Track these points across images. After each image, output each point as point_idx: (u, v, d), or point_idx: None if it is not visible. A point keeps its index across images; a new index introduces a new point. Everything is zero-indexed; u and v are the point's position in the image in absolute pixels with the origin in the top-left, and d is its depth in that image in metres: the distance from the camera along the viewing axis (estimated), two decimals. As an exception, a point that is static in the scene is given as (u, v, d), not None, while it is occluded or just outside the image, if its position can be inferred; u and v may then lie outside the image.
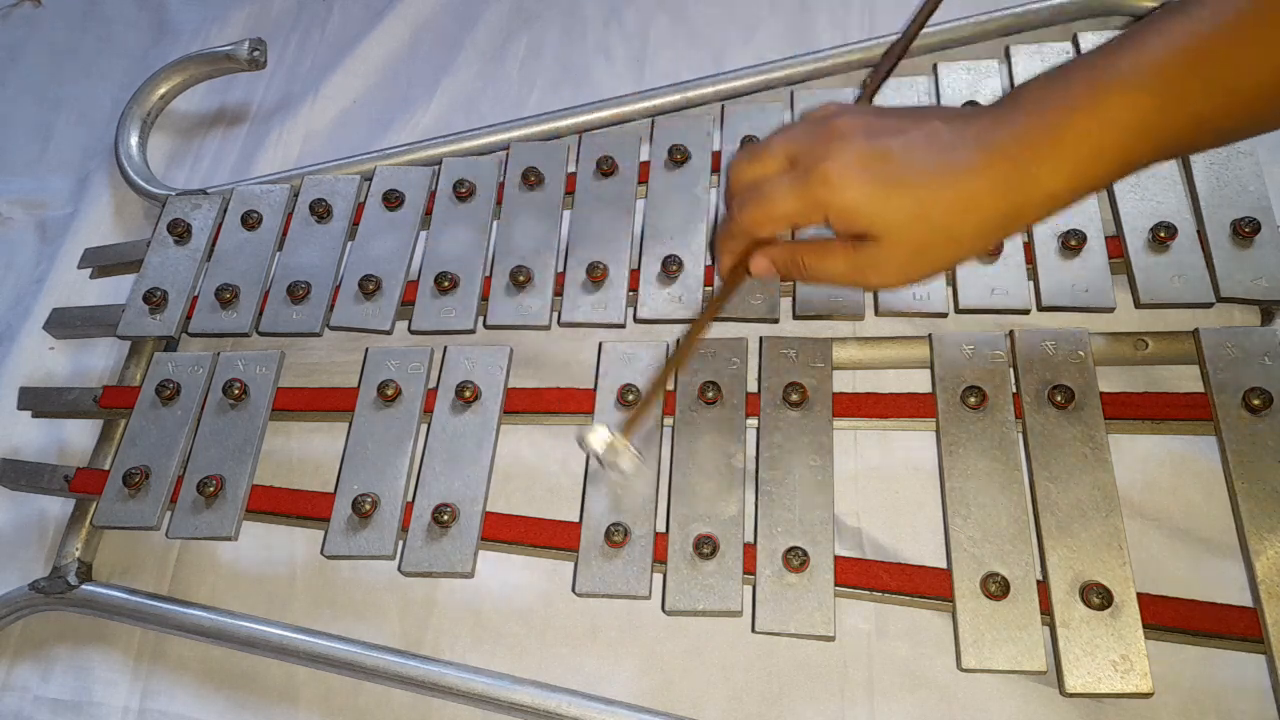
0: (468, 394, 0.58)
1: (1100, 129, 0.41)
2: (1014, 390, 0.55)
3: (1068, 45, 0.67)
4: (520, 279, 0.62)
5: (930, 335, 0.58)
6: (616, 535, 0.52)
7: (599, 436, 0.51)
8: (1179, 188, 0.60)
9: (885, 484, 0.58)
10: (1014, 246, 0.59)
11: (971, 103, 0.65)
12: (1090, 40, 0.66)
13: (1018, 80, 0.66)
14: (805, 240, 0.49)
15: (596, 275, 0.62)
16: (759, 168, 0.48)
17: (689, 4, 0.84)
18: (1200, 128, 0.41)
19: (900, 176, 0.43)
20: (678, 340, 0.55)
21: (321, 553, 0.56)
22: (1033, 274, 0.59)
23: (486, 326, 0.62)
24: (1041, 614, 0.49)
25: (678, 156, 0.66)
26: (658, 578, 0.53)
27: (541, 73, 0.82)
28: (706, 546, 0.52)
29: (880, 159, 0.44)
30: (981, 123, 0.44)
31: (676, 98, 0.72)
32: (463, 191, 0.67)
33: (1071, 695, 0.47)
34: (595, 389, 0.59)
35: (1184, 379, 0.57)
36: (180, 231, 0.70)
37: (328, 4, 0.91)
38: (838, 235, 0.46)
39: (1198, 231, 0.58)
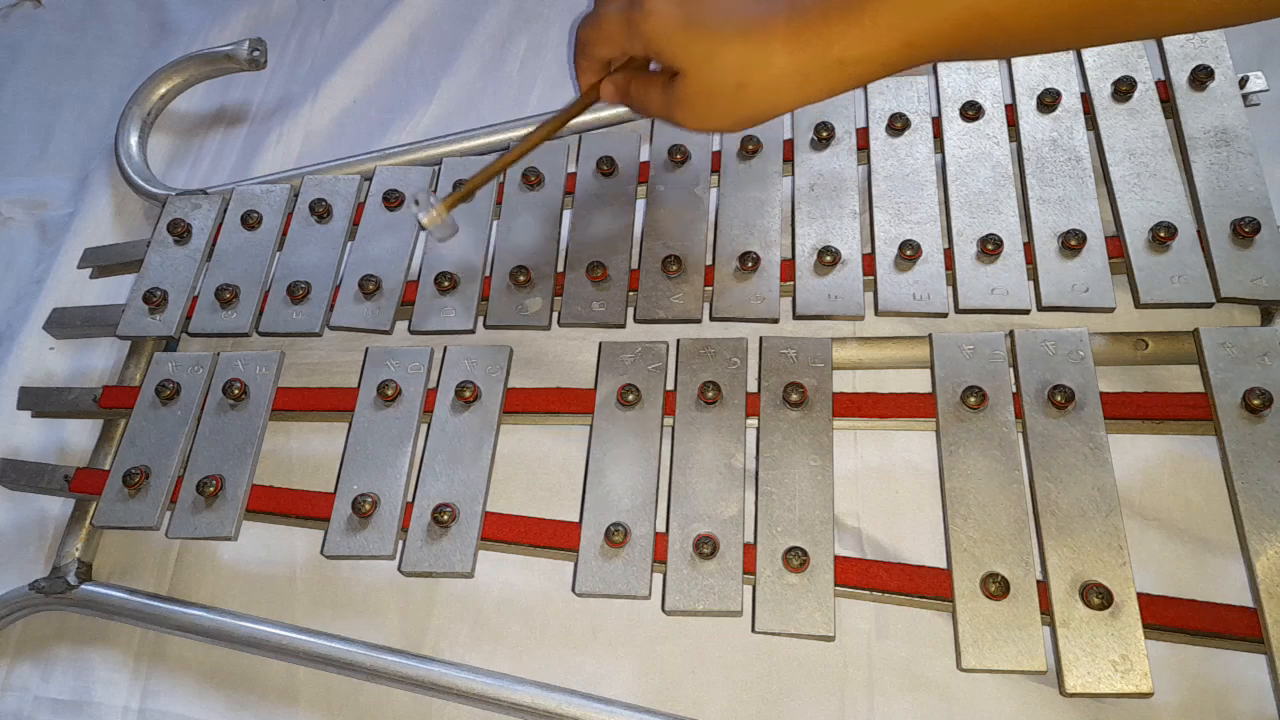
0: (468, 394, 0.58)
1: (892, 7, 0.42)
2: (1014, 390, 0.55)
3: (1068, 45, 0.67)
4: (520, 279, 0.62)
5: (930, 335, 0.58)
6: (616, 535, 0.52)
7: (416, 194, 0.56)
8: (1179, 188, 0.60)
9: (885, 484, 0.58)
10: (1014, 246, 0.59)
11: (972, 104, 0.65)
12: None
13: (1018, 81, 0.66)
14: (640, 73, 0.53)
15: (597, 275, 0.62)
16: None
17: (689, 4, 0.84)
18: (984, 16, 0.41)
19: (704, 17, 0.46)
20: (513, 145, 0.57)
21: (321, 553, 0.56)
22: (1033, 274, 0.59)
23: (486, 326, 0.62)
24: (1041, 614, 0.49)
25: (678, 156, 0.66)
26: (658, 578, 0.53)
27: (541, 73, 0.82)
28: (706, 546, 0.52)
29: None
30: None
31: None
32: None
33: (1071, 695, 0.47)
34: (595, 389, 0.59)
35: (1184, 379, 0.57)
36: (180, 231, 0.70)
37: (328, 4, 0.91)
38: (661, 69, 0.49)
39: (1198, 231, 0.58)
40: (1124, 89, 0.63)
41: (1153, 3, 0.40)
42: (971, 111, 0.65)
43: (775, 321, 0.60)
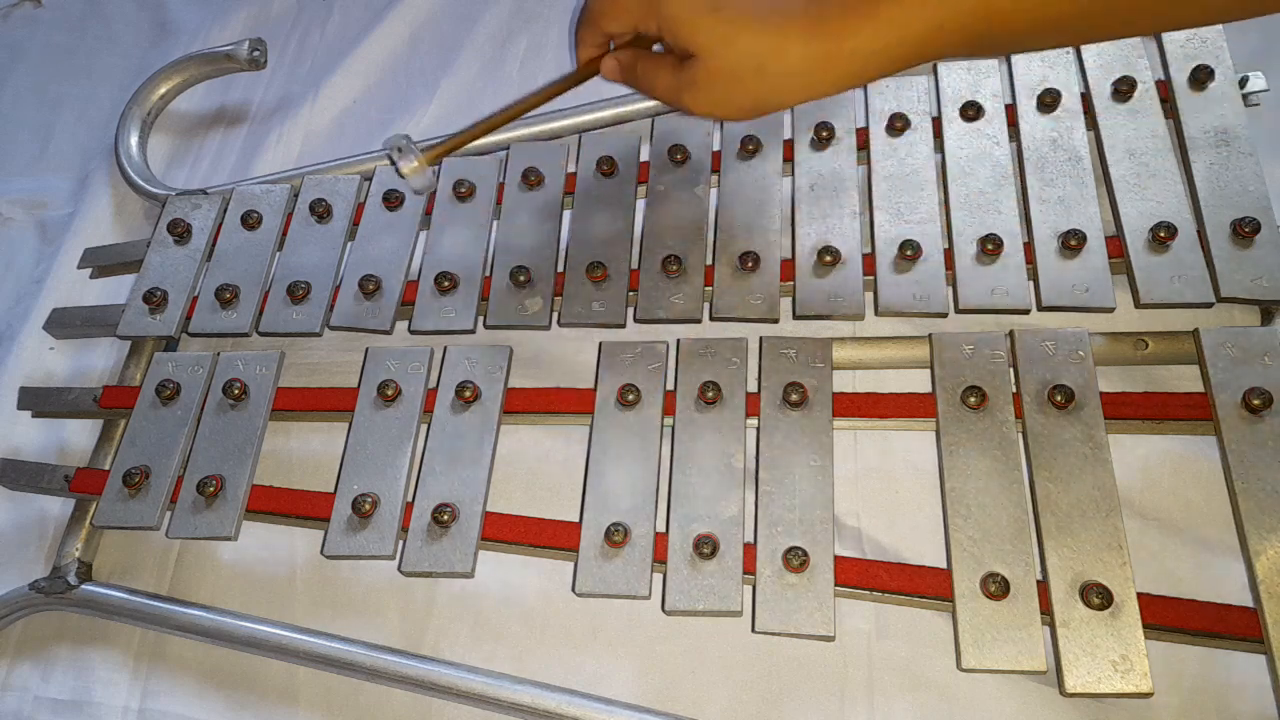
0: (468, 394, 0.58)
1: (908, 2, 0.43)
2: (1014, 390, 0.55)
3: (1068, 45, 0.67)
4: (520, 279, 0.62)
5: (930, 335, 0.58)
6: (616, 535, 0.52)
7: (397, 141, 0.53)
8: (1179, 188, 0.60)
9: (885, 484, 0.58)
10: (1014, 246, 0.59)
11: (972, 104, 0.65)
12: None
13: (1018, 80, 0.66)
14: (648, 52, 0.52)
15: (597, 275, 0.62)
16: None
17: (689, 4, 0.84)
18: (997, 13, 0.42)
19: (727, 1, 0.46)
20: (504, 108, 0.56)
21: (321, 553, 0.56)
22: (1033, 274, 0.59)
23: (486, 326, 0.62)
24: (1041, 614, 0.49)
25: (678, 156, 0.66)
26: (658, 578, 0.53)
27: (541, 73, 0.82)
28: (706, 546, 0.52)
29: None
30: None
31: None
32: (463, 191, 0.67)
33: (1071, 695, 0.47)
34: (595, 389, 0.59)
35: (1184, 379, 0.57)
36: (180, 231, 0.70)
37: (328, 4, 0.91)
38: (670, 50, 0.49)
39: (1198, 231, 0.58)
40: (1124, 89, 0.63)
41: None
42: (971, 111, 0.65)
43: (775, 321, 0.60)
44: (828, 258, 0.60)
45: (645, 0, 0.49)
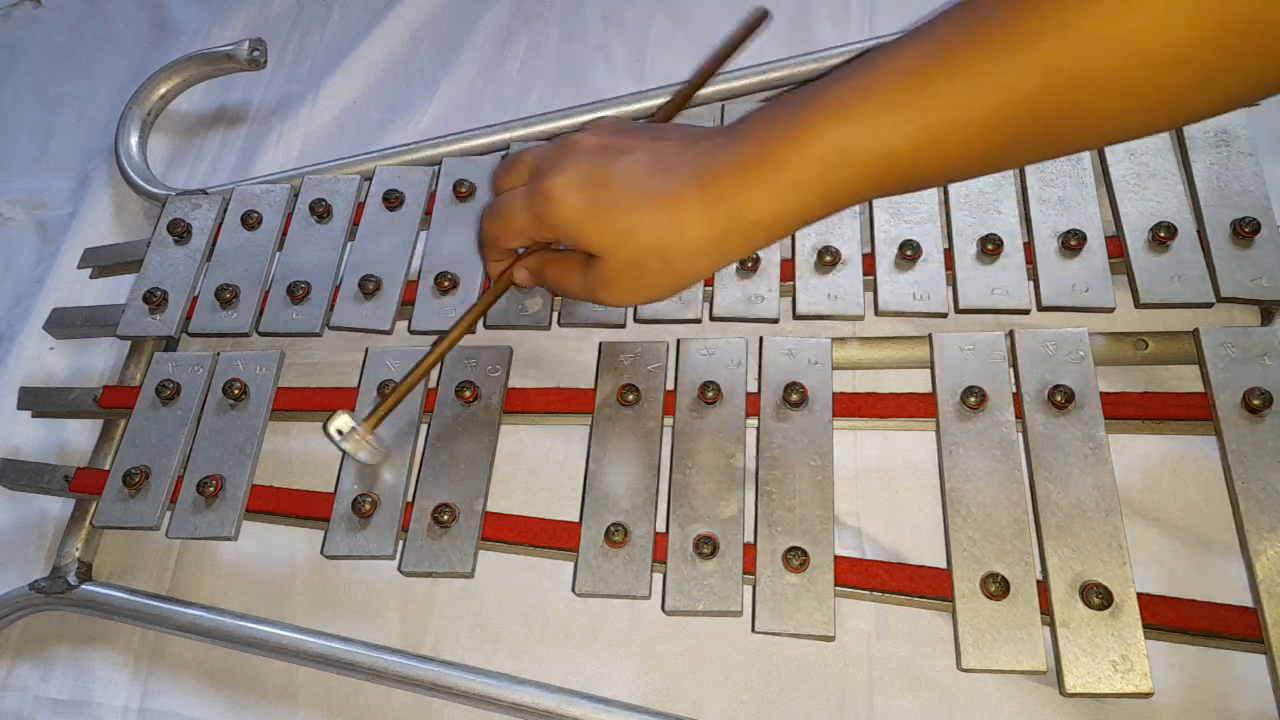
0: (468, 394, 0.58)
1: (798, 157, 0.41)
2: (1014, 390, 0.55)
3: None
4: (520, 279, 0.62)
5: (930, 335, 0.58)
6: (616, 535, 0.52)
7: (336, 424, 0.51)
8: (1179, 188, 0.60)
9: (885, 484, 0.58)
10: (1014, 246, 0.59)
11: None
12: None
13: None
14: (553, 253, 0.51)
15: (596, 275, 0.62)
16: (508, 179, 0.50)
17: (689, 4, 0.84)
18: (898, 164, 0.40)
19: (612, 198, 0.44)
20: (434, 343, 0.55)
21: (321, 553, 0.56)
22: (1033, 274, 0.59)
23: (486, 326, 0.62)
24: (1041, 614, 0.49)
25: (678, 156, 0.66)
26: (658, 578, 0.53)
27: (541, 73, 0.82)
28: (706, 546, 0.52)
29: (597, 179, 0.45)
30: (703, 145, 0.44)
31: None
32: (463, 191, 0.67)
33: (1071, 695, 0.47)
34: (595, 389, 0.59)
35: (1184, 379, 0.57)
36: (180, 231, 0.70)
37: (328, 4, 0.91)
38: (575, 251, 0.47)
39: (1198, 231, 0.58)
40: (1124, 89, 0.63)
41: (1078, 124, 0.38)
42: (971, 111, 0.64)
43: (775, 321, 0.60)
44: (828, 258, 0.60)
45: (534, 217, 0.47)
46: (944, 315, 0.58)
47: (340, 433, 0.51)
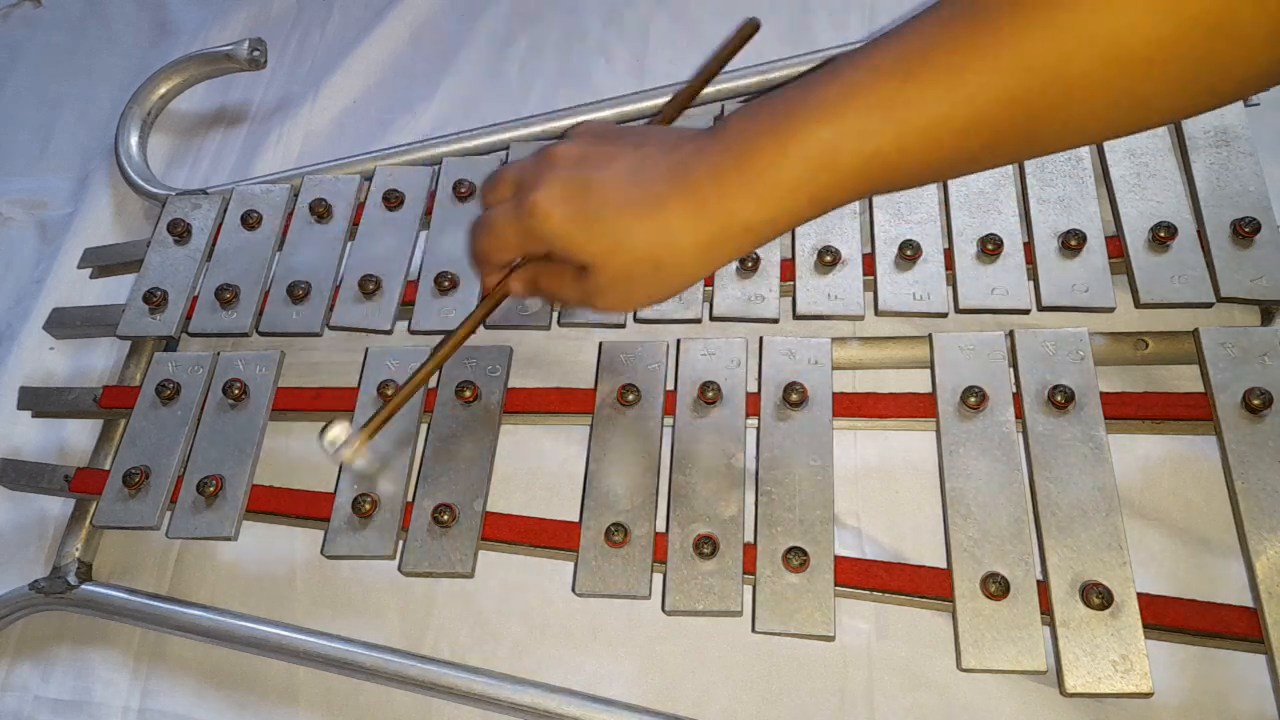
0: (468, 394, 0.58)
1: (784, 160, 0.41)
2: (1014, 390, 0.55)
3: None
4: (520, 279, 0.62)
5: (930, 335, 0.58)
6: (616, 535, 0.52)
7: (331, 434, 0.51)
8: (1179, 188, 0.60)
9: (885, 484, 0.58)
10: (1014, 246, 0.59)
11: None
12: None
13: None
14: (546, 265, 0.50)
15: (596, 275, 0.62)
16: (493, 195, 0.50)
17: (689, 4, 0.84)
18: (885, 164, 0.40)
19: (597, 210, 0.44)
20: (431, 351, 0.54)
21: (321, 553, 0.56)
22: (1033, 274, 0.59)
23: (486, 326, 0.62)
24: (1041, 614, 0.49)
25: (678, 156, 0.66)
26: (658, 578, 0.53)
27: (541, 73, 0.82)
28: (706, 546, 0.52)
29: (581, 191, 0.45)
30: (686, 150, 0.44)
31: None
32: (463, 191, 0.67)
33: (1071, 695, 0.47)
34: (595, 389, 0.59)
35: (1184, 379, 0.57)
36: (180, 231, 0.70)
37: (328, 4, 0.91)
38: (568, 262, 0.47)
39: (1198, 231, 0.58)
40: (1124, 89, 0.63)
41: (1062, 121, 0.38)
42: (971, 111, 0.64)
43: (775, 321, 0.60)
44: (828, 258, 0.60)
45: (523, 230, 0.47)
46: (944, 315, 0.58)
47: (335, 443, 0.51)
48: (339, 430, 0.51)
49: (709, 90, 0.71)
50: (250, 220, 0.69)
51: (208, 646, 0.59)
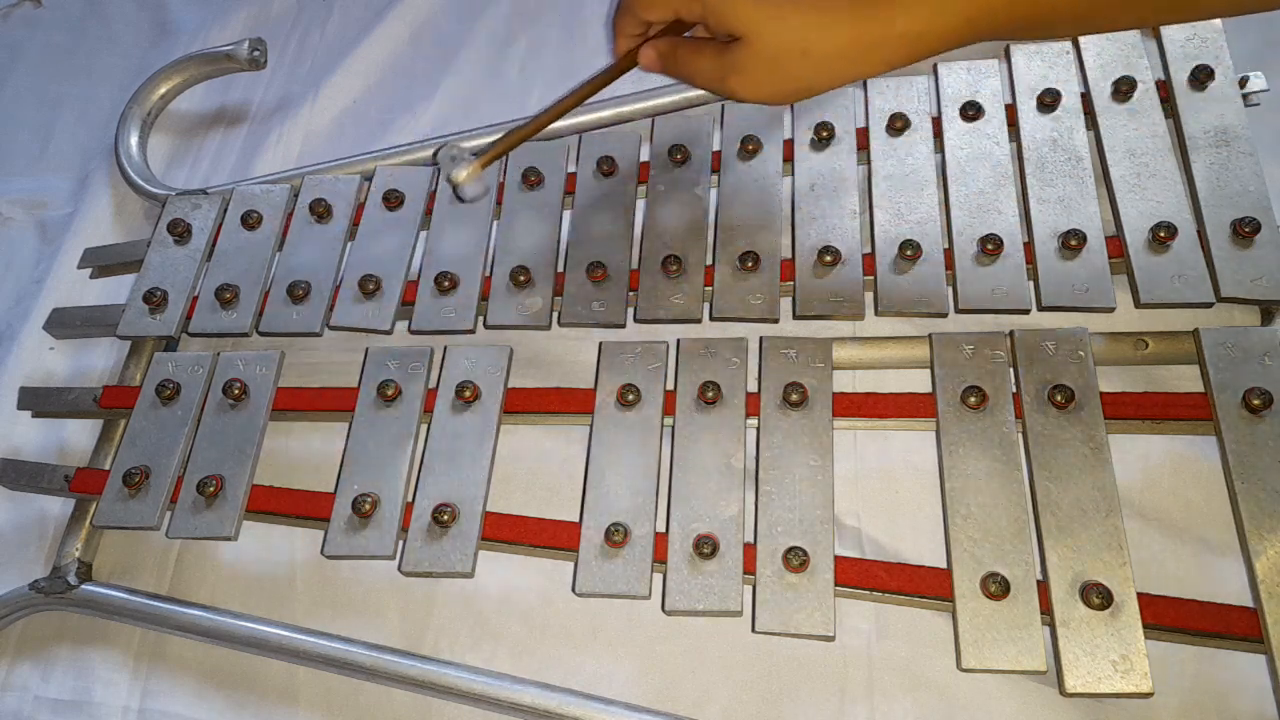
0: (468, 394, 0.58)
1: None
2: (1014, 390, 0.55)
3: (1067, 45, 0.67)
4: (520, 279, 0.62)
5: (930, 335, 0.58)
6: (616, 535, 0.52)
7: (452, 150, 0.53)
8: (1179, 188, 0.60)
9: (885, 484, 0.58)
10: (1014, 246, 0.59)
11: (972, 104, 0.65)
12: (1088, 41, 0.66)
13: (1018, 80, 0.66)
14: (686, 39, 0.51)
15: (597, 275, 0.62)
16: None
17: (689, 4, 0.84)
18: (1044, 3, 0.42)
19: None
20: (550, 106, 0.56)
21: (321, 553, 0.56)
22: (1033, 274, 0.59)
23: (486, 326, 0.62)
24: (1041, 614, 0.49)
25: (678, 156, 0.66)
26: (658, 578, 0.53)
27: (541, 73, 0.82)
28: (706, 546, 0.52)
29: None
30: None
31: (676, 98, 0.71)
32: (463, 191, 0.67)
33: (1071, 695, 0.47)
34: (595, 389, 0.59)
35: (1184, 379, 0.57)
36: (180, 231, 0.70)
37: (328, 4, 0.91)
38: (712, 34, 0.48)
39: (1198, 231, 0.58)
40: (1124, 89, 0.63)
41: None
42: (971, 111, 0.65)
43: (775, 321, 0.60)
44: (828, 258, 0.60)
45: None
46: (944, 315, 0.58)
47: (453, 158, 0.53)
48: (458, 149, 0.53)
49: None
50: (250, 220, 0.69)
51: (208, 646, 0.59)
